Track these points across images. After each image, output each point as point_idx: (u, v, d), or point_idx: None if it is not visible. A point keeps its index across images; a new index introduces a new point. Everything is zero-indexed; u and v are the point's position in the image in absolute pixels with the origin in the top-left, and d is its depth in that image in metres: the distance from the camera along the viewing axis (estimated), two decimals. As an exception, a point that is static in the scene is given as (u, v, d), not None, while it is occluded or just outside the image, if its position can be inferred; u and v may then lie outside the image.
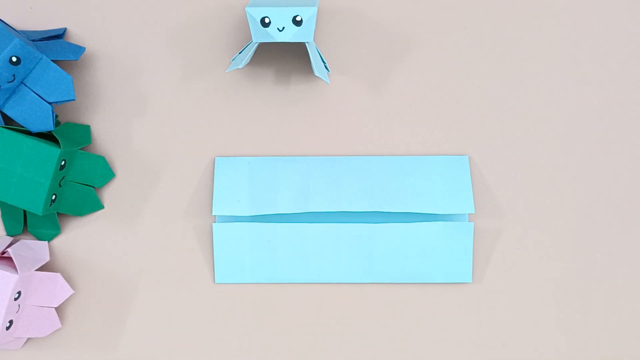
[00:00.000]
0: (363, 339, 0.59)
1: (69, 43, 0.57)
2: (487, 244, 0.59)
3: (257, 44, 0.53)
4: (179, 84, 0.60)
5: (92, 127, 0.60)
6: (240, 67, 0.54)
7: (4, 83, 0.52)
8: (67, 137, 0.57)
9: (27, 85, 0.54)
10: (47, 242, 0.59)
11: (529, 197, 0.59)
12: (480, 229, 0.59)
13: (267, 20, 0.52)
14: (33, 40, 0.57)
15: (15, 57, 0.52)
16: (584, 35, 0.60)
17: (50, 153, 0.53)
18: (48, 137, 0.58)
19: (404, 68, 0.60)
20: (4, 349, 0.59)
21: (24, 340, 0.58)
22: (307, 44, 0.53)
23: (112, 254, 0.60)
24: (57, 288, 0.57)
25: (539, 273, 0.59)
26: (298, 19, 0.51)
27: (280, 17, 0.51)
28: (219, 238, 0.58)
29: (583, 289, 0.59)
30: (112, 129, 0.60)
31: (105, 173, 0.59)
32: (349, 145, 0.60)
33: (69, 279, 0.60)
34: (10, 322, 0.54)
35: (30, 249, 0.57)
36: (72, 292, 0.57)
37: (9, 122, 0.59)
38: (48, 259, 0.58)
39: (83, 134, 0.59)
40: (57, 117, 0.59)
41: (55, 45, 0.56)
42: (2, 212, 0.59)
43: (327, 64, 0.59)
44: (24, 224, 0.60)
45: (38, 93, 0.54)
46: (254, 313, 0.59)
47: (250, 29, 0.53)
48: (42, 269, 0.59)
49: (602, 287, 0.59)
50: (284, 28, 0.52)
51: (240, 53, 0.57)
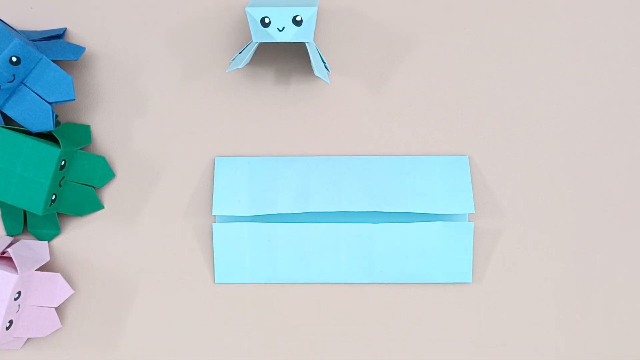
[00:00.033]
0: (363, 339, 0.59)
1: (69, 43, 0.57)
2: (487, 244, 0.59)
3: (257, 44, 0.53)
4: (179, 84, 0.60)
5: (92, 127, 0.60)
6: (240, 67, 0.54)
7: (4, 83, 0.52)
8: (67, 137, 0.57)
9: (27, 85, 0.54)
10: (47, 242, 0.59)
11: (529, 197, 0.59)
12: (480, 229, 0.59)
13: (267, 20, 0.52)
14: (33, 40, 0.57)
15: (15, 57, 0.52)
16: (584, 35, 0.60)
17: (50, 153, 0.53)
18: (48, 137, 0.58)
19: (404, 68, 0.60)
20: (4, 349, 0.59)
21: (24, 340, 0.58)
22: (307, 44, 0.53)
23: (112, 254, 0.60)
24: (57, 288, 0.57)
25: (539, 273, 0.59)
26: (298, 19, 0.51)
27: (280, 17, 0.51)
28: (219, 238, 0.58)
29: (583, 289, 0.59)
30: (112, 129, 0.60)
31: (105, 173, 0.59)
32: (349, 145, 0.60)
33: (69, 279, 0.60)
34: (10, 322, 0.54)
35: (30, 249, 0.57)
36: (72, 292, 0.57)
37: (9, 122, 0.59)
38: (48, 259, 0.58)
39: (83, 134, 0.59)
40: (57, 117, 0.59)
41: (55, 45, 0.56)
42: (2, 212, 0.59)
43: (327, 64, 0.59)
44: (24, 224, 0.60)
45: (38, 93, 0.54)
46: (254, 313, 0.59)
47: (250, 29, 0.53)
48: (42, 269, 0.59)
49: (602, 287, 0.59)
50: (284, 28, 0.52)
51: (240, 53, 0.57)
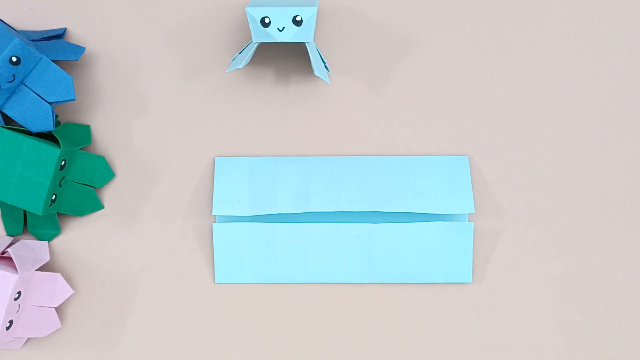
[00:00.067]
0: (363, 339, 0.59)
1: (69, 43, 0.57)
2: (487, 244, 0.59)
3: (257, 44, 0.53)
4: (179, 84, 0.60)
5: (92, 127, 0.60)
6: (240, 67, 0.54)
7: (4, 83, 0.52)
8: (67, 137, 0.57)
9: (27, 85, 0.54)
10: (47, 242, 0.59)
11: (529, 197, 0.59)
12: (480, 229, 0.59)
13: (267, 20, 0.52)
14: (33, 40, 0.57)
15: (15, 57, 0.52)
16: (584, 35, 0.60)
17: (50, 153, 0.53)
18: (48, 137, 0.58)
19: (404, 68, 0.60)
20: (4, 349, 0.59)
21: (24, 340, 0.58)
22: (307, 44, 0.53)
23: (112, 254, 0.60)
24: (57, 288, 0.57)
25: (539, 273, 0.59)
26: (298, 19, 0.51)
27: (280, 17, 0.51)
28: (219, 238, 0.58)
29: (583, 289, 0.59)
30: (112, 129, 0.60)
31: (105, 173, 0.59)
32: (349, 145, 0.60)
33: (69, 279, 0.60)
34: (10, 322, 0.54)
35: (30, 249, 0.57)
36: (72, 292, 0.57)
37: (9, 122, 0.59)
38: (48, 259, 0.58)
39: (83, 134, 0.59)
40: (57, 117, 0.59)
41: (55, 45, 0.56)
42: (2, 212, 0.59)
43: (327, 64, 0.59)
44: (24, 224, 0.60)
45: (38, 93, 0.54)
46: (254, 313, 0.59)
47: (250, 29, 0.53)
48: (42, 269, 0.59)
49: (602, 287, 0.59)
50: (284, 28, 0.52)
51: (240, 53, 0.57)
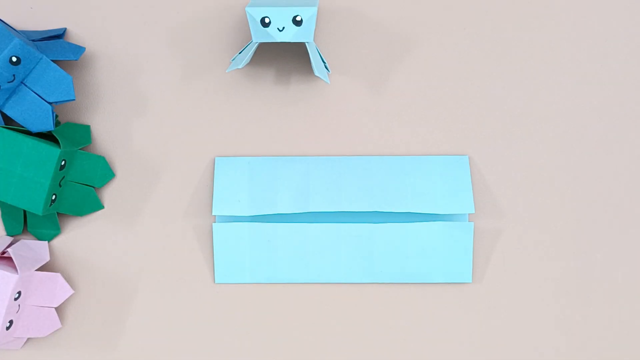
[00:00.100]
0: (363, 339, 0.59)
1: (69, 43, 0.57)
2: (487, 244, 0.59)
3: (257, 44, 0.53)
4: (179, 84, 0.60)
5: (92, 127, 0.60)
6: (240, 67, 0.54)
7: (4, 83, 0.52)
8: (67, 137, 0.57)
9: (27, 85, 0.54)
10: (47, 242, 0.59)
11: (529, 197, 0.59)
12: (480, 229, 0.59)
13: (267, 20, 0.52)
14: (33, 40, 0.57)
15: (15, 57, 0.52)
16: (584, 35, 0.60)
17: (50, 153, 0.53)
18: (48, 137, 0.58)
19: (404, 68, 0.60)
20: (4, 349, 0.59)
21: (24, 340, 0.58)
22: (307, 44, 0.53)
23: (112, 254, 0.60)
24: (57, 288, 0.57)
25: (539, 273, 0.59)
26: (298, 19, 0.51)
27: (280, 17, 0.51)
28: (219, 238, 0.58)
29: (583, 289, 0.59)
30: (112, 129, 0.60)
31: (105, 173, 0.59)
32: (349, 145, 0.60)
33: (69, 279, 0.60)
34: (10, 322, 0.54)
35: (30, 249, 0.57)
36: (72, 292, 0.57)
37: (9, 122, 0.59)
38: (48, 259, 0.58)
39: (83, 134, 0.59)
40: (57, 117, 0.59)
41: (55, 45, 0.56)
42: (2, 212, 0.59)
43: (327, 64, 0.59)
44: (24, 224, 0.60)
45: (38, 93, 0.54)
46: (254, 313, 0.59)
47: (250, 29, 0.53)
48: (42, 269, 0.59)
49: (602, 287, 0.59)
50: (284, 28, 0.52)
51: (240, 53, 0.57)
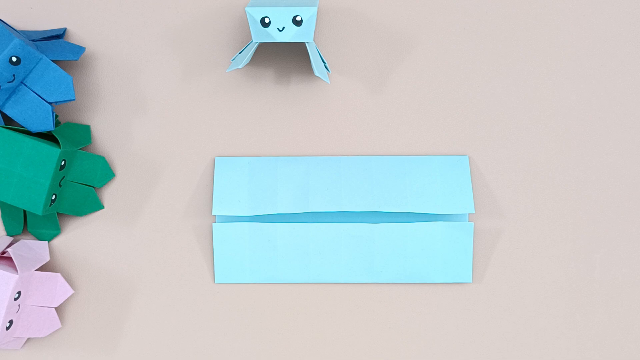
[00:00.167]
0: (363, 339, 0.59)
1: (69, 43, 0.57)
2: (487, 244, 0.59)
3: (257, 44, 0.53)
4: (179, 84, 0.60)
5: (92, 127, 0.60)
6: (240, 67, 0.54)
7: (4, 83, 0.52)
8: (67, 137, 0.57)
9: (27, 85, 0.54)
10: (47, 242, 0.59)
11: (529, 197, 0.59)
12: (480, 229, 0.59)
13: (267, 20, 0.52)
14: (33, 40, 0.57)
15: (15, 57, 0.52)
16: (584, 35, 0.60)
17: (50, 153, 0.53)
18: (48, 137, 0.58)
19: (404, 68, 0.60)
20: (4, 349, 0.59)
21: (24, 340, 0.58)
22: (307, 44, 0.53)
23: (112, 254, 0.60)
24: (57, 288, 0.57)
25: (539, 273, 0.59)
26: (298, 19, 0.51)
27: (280, 17, 0.51)
28: (219, 238, 0.58)
29: (583, 289, 0.59)
30: (112, 129, 0.60)
31: (105, 173, 0.59)
32: (349, 145, 0.60)
33: (69, 279, 0.60)
34: (10, 322, 0.54)
35: (30, 249, 0.57)
36: (72, 292, 0.57)
37: (9, 122, 0.59)
38: (48, 259, 0.58)
39: (83, 134, 0.59)
40: (57, 117, 0.59)
41: (55, 45, 0.56)
42: (2, 212, 0.59)
43: (327, 64, 0.59)
44: (24, 224, 0.60)
45: (38, 93, 0.54)
46: (254, 313, 0.59)
47: (250, 29, 0.53)
48: (42, 269, 0.59)
49: (602, 287, 0.59)
50: (284, 28, 0.52)
51: (240, 53, 0.57)
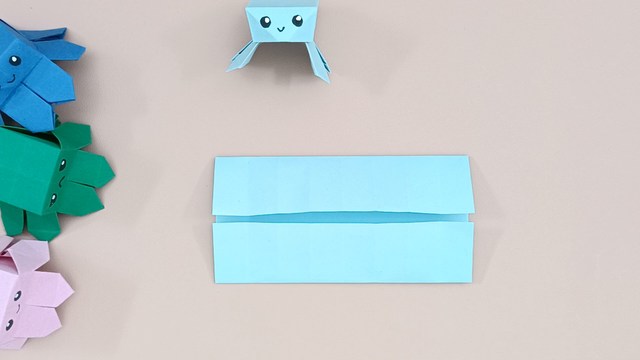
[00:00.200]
0: (363, 339, 0.59)
1: (69, 43, 0.57)
2: (487, 244, 0.59)
3: (257, 44, 0.53)
4: (179, 84, 0.60)
5: (92, 127, 0.60)
6: (240, 67, 0.54)
7: (4, 83, 0.52)
8: (67, 137, 0.57)
9: (27, 85, 0.54)
10: (47, 242, 0.59)
11: (529, 197, 0.59)
12: (480, 229, 0.59)
13: (267, 20, 0.52)
14: (33, 40, 0.57)
15: (15, 57, 0.52)
16: (584, 35, 0.60)
17: (50, 153, 0.53)
18: (48, 137, 0.58)
19: (404, 68, 0.60)
20: (4, 349, 0.59)
21: (24, 340, 0.58)
22: (307, 44, 0.53)
23: (112, 254, 0.60)
24: (57, 288, 0.57)
25: (539, 273, 0.59)
26: (298, 19, 0.51)
27: (280, 17, 0.51)
28: (219, 238, 0.58)
29: (583, 289, 0.59)
30: (112, 129, 0.60)
31: (105, 173, 0.59)
32: (349, 145, 0.60)
33: (69, 279, 0.60)
34: (10, 322, 0.54)
35: (30, 249, 0.57)
36: (72, 292, 0.57)
37: (9, 122, 0.59)
38: (48, 259, 0.58)
39: (83, 134, 0.59)
40: (57, 117, 0.59)
41: (55, 45, 0.56)
42: (2, 212, 0.59)
43: (327, 64, 0.59)
44: (24, 224, 0.60)
45: (38, 93, 0.54)
46: (254, 313, 0.59)
47: (250, 29, 0.53)
48: (42, 269, 0.59)
49: (602, 287, 0.59)
50: (284, 28, 0.52)
51: (240, 53, 0.57)
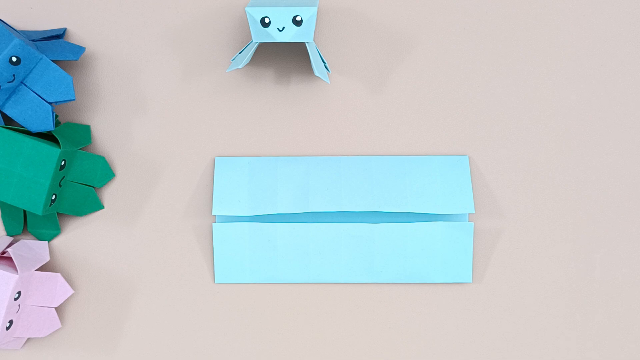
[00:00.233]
0: (363, 339, 0.59)
1: (69, 43, 0.57)
2: (487, 244, 0.59)
3: (257, 44, 0.53)
4: (179, 84, 0.60)
5: (92, 127, 0.60)
6: (240, 67, 0.54)
7: (4, 83, 0.52)
8: (67, 137, 0.57)
9: (27, 85, 0.54)
10: (47, 242, 0.59)
11: (529, 197, 0.59)
12: (480, 229, 0.59)
13: (267, 20, 0.52)
14: (33, 40, 0.57)
15: (15, 57, 0.52)
16: (584, 35, 0.60)
17: (50, 153, 0.53)
18: (48, 137, 0.58)
19: (404, 68, 0.60)
20: (4, 349, 0.59)
21: (24, 340, 0.58)
22: (307, 44, 0.53)
23: (112, 254, 0.60)
24: (57, 288, 0.57)
25: (539, 273, 0.59)
26: (298, 19, 0.51)
27: (280, 17, 0.51)
28: (219, 238, 0.58)
29: (583, 289, 0.59)
30: (112, 129, 0.60)
31: (105, 173, 0.59)
32: (349, 145, 0.60)
33: (69, 279, 0.60)
34: (10, 322, 0.54)
35: (30, 249, 0.57)
36: (72, 292, 0.57)
37: (9, 122, 0.59)
38: (48, 259, 0.58)
39: (83, 134, 0.59)
40: (57, 117, 0.59)
41: (55, 45, 0.56)
42: (2, 212, 0.59)
43: (327, 64, 0.59)
44: (24, 224, 0.60)
45: (38, 93, 0.54)
46: (254, 313, 0.59)
47: (250, 29, 0.53)
48: (42, 269, 0.59)
49: (602, 287, 0.59)
50: (284, 28, 0.52)
51: (240, 53, 0.57)
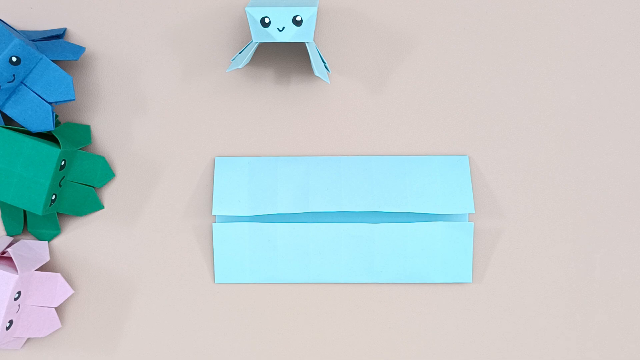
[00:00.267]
0: (363, 339, 0.59)
1: (69, 43, 0.57)
2: (487, 244, 0.59)
3: (257, 44, 0.53)
4: (179, 84, 0.60)
5: (92, 127, 0.60)
6: (240, 67, 0.54)
7: (4, 83, 0.52)
8: (67, 137, 0.57)
9: (27, 85, 0.54)
10: (47, 242, 0.59)
11: (529, 197, 0.59)
12: (480, 229, 0.59)
13: (267, 20, 0.52)
14: (33, 40, 0.57)
15: (15, 57, 0.52)
16: (584, 35, 0.60)
17: (50, 153, 0.53)
18: (48, 137, 0.58)
19: (404, 68, 0.60)
20: (4, 349, 0.59)
21: (24, 340, 0.58)
22: (307, 44, 0.53)
23: (112, 254, 0.60)
24: (57, 288, 0.57)
25: (539, 273, 0.59)
26: (298, 19, 0.51)
27: (280, 17, 0.51)
28: (219, 238, 0.58)
29: (583, 289, 0.59)
30: (112, 129, 0.60)
31: (105, 173, 0.59)
32: (349, 145, 0.60)
33: (69, 279, 0.60)
34: (10, 322, 0.54)
35: (30, 249, 0.57)
36: (72, 292, 0.57)
37: (9, 122, 0.59)
38: (48, 259, 0.58)
39: (83, 134, 0.59)
40: (57, 117, 0.59)
41: (55, 45, 0.56)
42: (2, 212, 0.59)
43: (327, 64, 0.59)
44: (24, 224, 0.60)
45: (38, 93, 0.54)
46: (254, 313, 0.59)
47: (250, 29, 0.53)
48: (42, 269, 0.59)
49: (602, 287, 0.59)
50: (284, 28, 0.52)
51: (240, 53, 0.57)
